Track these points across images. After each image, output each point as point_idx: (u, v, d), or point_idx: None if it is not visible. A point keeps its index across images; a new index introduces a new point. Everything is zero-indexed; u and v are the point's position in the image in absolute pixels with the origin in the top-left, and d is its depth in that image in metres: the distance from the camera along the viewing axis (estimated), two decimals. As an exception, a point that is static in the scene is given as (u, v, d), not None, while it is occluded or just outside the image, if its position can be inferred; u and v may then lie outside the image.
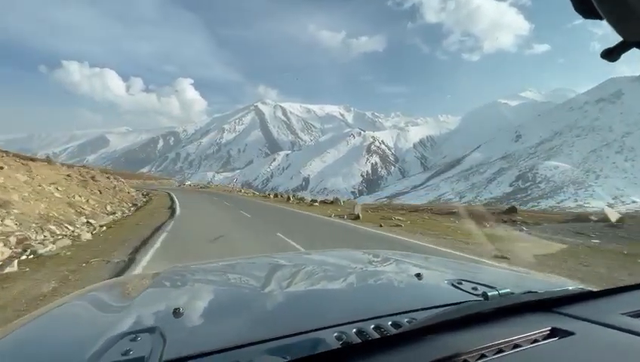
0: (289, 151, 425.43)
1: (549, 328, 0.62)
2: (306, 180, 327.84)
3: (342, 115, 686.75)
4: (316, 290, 0.99)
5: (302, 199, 24.10)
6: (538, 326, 0.63)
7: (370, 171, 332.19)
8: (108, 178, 21.40)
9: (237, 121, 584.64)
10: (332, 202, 21.41)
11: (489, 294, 0.74)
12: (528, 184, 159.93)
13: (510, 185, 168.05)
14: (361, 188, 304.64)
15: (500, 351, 0.56)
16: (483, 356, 0.54)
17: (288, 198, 24.31)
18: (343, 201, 22.11)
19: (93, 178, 17.61)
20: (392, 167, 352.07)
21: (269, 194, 32.14)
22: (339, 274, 1.17)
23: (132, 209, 14.90)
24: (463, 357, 0.52)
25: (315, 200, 22.24)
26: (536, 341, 0.59)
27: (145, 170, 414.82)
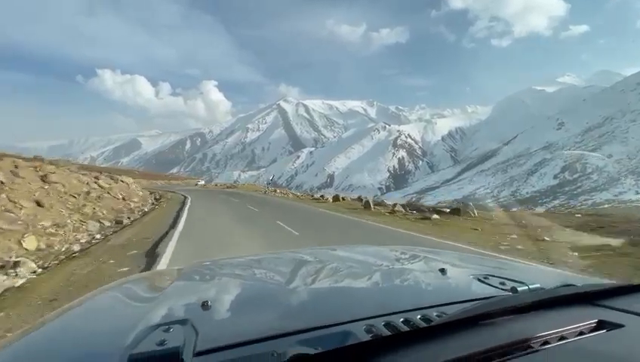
0: (312, 149, 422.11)
1: (596, 320, 0.60)
2: (331, 177, 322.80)
3: (364, 110, 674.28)
4: (343, 284, 1.00)
5: (380, 204, 16.10)
6: (583, 318, 0.61)
7: (397, 166, 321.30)
8: (96, 179, 16.05)
9: (260, 120, 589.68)
10: (456, 212, 11.99)
11: (519, 289, 0.73)
12: (577, 175, 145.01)
13: (555, 178, 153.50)
14: (388, 183, 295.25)
15: (546, 342, 0.54)
16: (529, 347, 0.53)
17: (367, 205, 15.29)
18: (477, 212, 12.08)
19: (43, 178, 11.02)
20: (420, 161, 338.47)
21: (322, 197, 22.93)
22: (364, 270, 1.19)
23: (98, 235, 8.54)
24: (503, 350, 0.51)
25: (425, 209, 13.33)
26: (582, 333, 0.58)
27: (174, 170, 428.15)
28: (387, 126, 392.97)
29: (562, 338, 0.56)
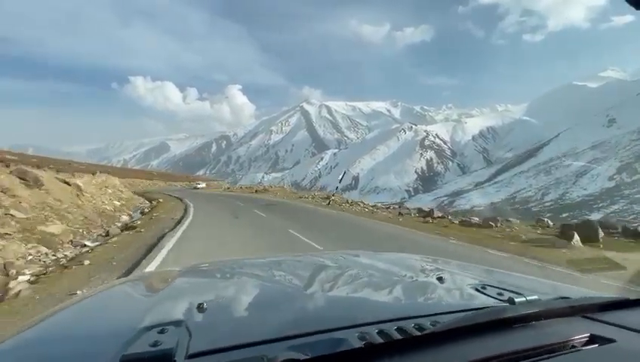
0: (336, 150, 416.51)
1: (588, 334, 0.60)
2: (356, 179, 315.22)
3: (388, 110, 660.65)
4: (338, 291, 0.99)
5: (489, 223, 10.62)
6: (575, 332, 0.61)
7: (425, 167, 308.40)
8: (65, 182, 11.60)
9: (283, 122, 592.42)
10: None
11: (516, 300, 0.73)
12: (637, 177, 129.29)
13: (610, 179, 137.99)
14: (416, 185, 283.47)
15: (535, 356, 0.54)
16: (519, 359, 0.53)
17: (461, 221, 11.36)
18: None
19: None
20: (450, 163, 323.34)
21: (390, 207, 17.79)
22: (360, 276, 1.18)
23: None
24: (498, 360, 0.51)
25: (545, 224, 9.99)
26: (573, 347, 0.57)
27: (200, 172, 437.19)
28: (413, 126, 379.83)
29: (553, 351, 0.56)
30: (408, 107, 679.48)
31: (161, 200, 19.73)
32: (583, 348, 0.57)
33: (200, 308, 0.68)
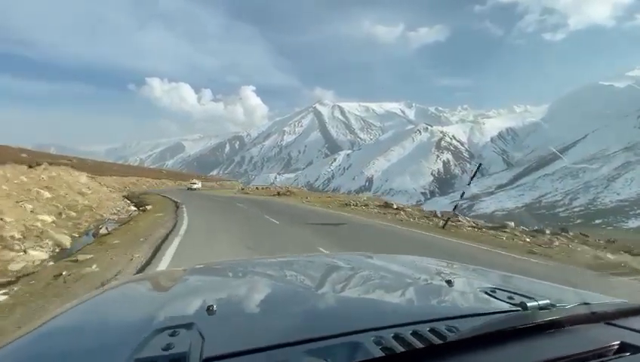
0: (349, 151, 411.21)
1: (618, 342, 0.57)
2: (370, 180, 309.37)
3: (402, 111, 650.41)
4: (350, 292, 0.98)
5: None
6: (603, 340, 0.58)
7: (441, 169, 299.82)
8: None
9: (296, 123, 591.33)
10: None
11: (528, 304, 0.69)
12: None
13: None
14: (432, 188, 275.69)
15: None
16: None
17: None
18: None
19: None
20: (468, 165, 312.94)
21: (448, 221, 11.12)
22: (373, 278, 1.17)
23: None
24: None
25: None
26: (602, 356, 0.54)
27: (214, 172, 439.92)
28: (429, 127, 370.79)
29: (584, 359, 0.53)
30: (423, 108, 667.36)
31: (149, 207, 14.39)
32: (615, 356, 0.54)
33: (210, 309, 0.67)
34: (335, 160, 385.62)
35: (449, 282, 0.94)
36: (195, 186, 37.44)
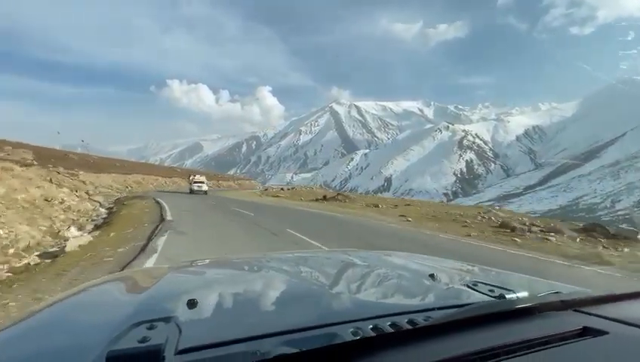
0: (366, 150, 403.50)
1: (581, 327, 0.61)
2: (388, 180, 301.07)
3: (420, 110, 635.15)
4: (331, 287, 0.99)
5: None
6: (568, 325, 0.62)
7: (464, 169, 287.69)
8: None
9: (313, 122, 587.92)
10: None
11: (507, 296, 0.74)
12: None
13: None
14: (455, 188, 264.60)
15: (528, 348, 0.55)
16: (510, 352, 0.53)
17: None
18: None
19: None
20: (492, 164, 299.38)
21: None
22: (354, 272, 1.19)
23: None
24: (487, 354, 0.52)
25: None
26: (566, 339, 0.58)
27: (231, 172, 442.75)
28: (450, 125, 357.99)
29: (547, 343, 0.56)
30: (442, 106, 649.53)
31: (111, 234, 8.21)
32: (577, 339, 0.58)
33: (191, 303, 0.68)
34: (352, 159, 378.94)
35: (432, 276, 0.96)
36: (201, 187, 24.55)
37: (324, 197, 21.06)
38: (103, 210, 13.18)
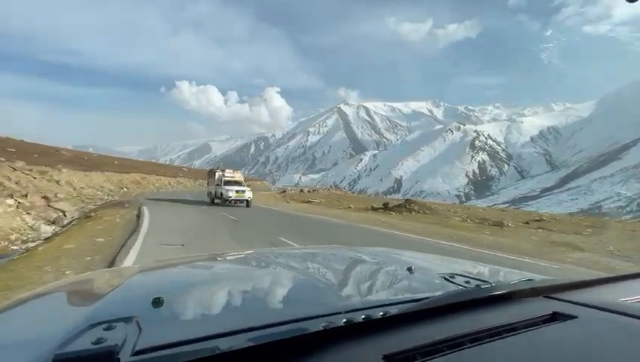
0: (375, 151, 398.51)
1: (551, 312, 0.63)
2: (398, 182, 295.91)
3: (430, 110, 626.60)
4: (304, 282, 0.97)
5: None
6: (538, 311, 0.64)
7: (477, 171, 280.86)
8: None
9: (321, 123, 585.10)
10: None
11: (482, 287, 0.75)
12: None
13: None
14: (467, 190, 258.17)
15: (499, 333, 0.56)
16: (477, 339, 0.53)
17: None
18: None
19: None
20: (506, 166, 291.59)
21: None
22: (326, 268, 1.17)
23: None
24: (453, 342, 0.52)
25: None
26: (536, 324, 0.59)
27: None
28: (461, 126, 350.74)
29: (517, 328, 0.57)
30: (451, 107, 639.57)
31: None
32: (546, 324, 0.60)
33: (157, 302, 0.65)
34: (361, 160, 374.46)
35: (409, 269, 0.96)
36: (242, 194, 15.38)
37: (386, 207, 15.56)
38: (49, 229, 8.70)
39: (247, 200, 15.47)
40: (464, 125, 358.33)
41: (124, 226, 8.13)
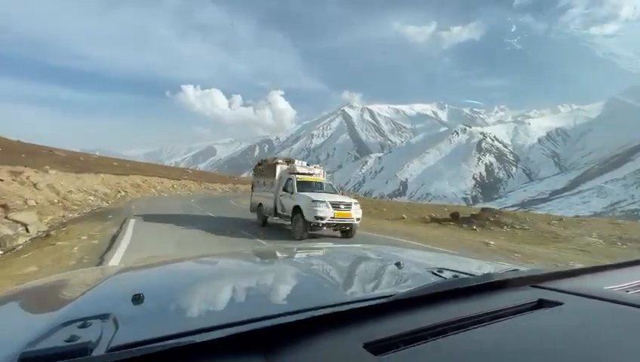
0: (380, 154, 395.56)
1: (537, 300, 0.64)
2: (404, 184, 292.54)
3: (434, 113, 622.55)
4: (286, 278, 0.96)
5: None
6: (523, 298, 0.65)
7: (484, 173, 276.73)
8: None
9: (325, 126, 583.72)
10: None
11: (468, 278, 0.77)
12: None
13: None
14: (474, 193, 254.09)
15: (486, 320, 0.56)
16: (461, 327, 0.54)
17: None
18: None
19: None
20: (513, 168, 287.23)
21: None
22: (313, 265, 1.16)
23: None
24: (438, 329, 0.52)
25: None
26: (523, 311, 0.61)
27: (244, 175, 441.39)
28: (467, 128, 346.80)
29: (504, 315, 0.58)
30: (456, 109, 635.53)
31: None
32: (532, 311, 0.61)
33: (135, 299, 0.64)
34: (366, 163, 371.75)
35: (398, 264, 0.97)
36: (341, 214, 7.49)
37: (455, 218, 12.14)
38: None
39: (350, 226, 7.97)
40: (470, 127, 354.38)
41: (79, 261, 5.12)
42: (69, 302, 0.70)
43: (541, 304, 0.63)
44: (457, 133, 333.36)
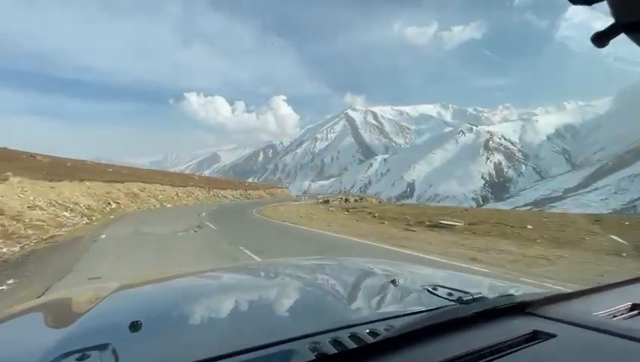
0: (385, 156, 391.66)
1: (531, 331, 0.63)
2: (411, 186, 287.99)
3: (439, 113, 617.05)
4: (287, 300, 0.93)
5: None
6: (519, 329, 0.64)
7: (493, 172, 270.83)
8: None
9: (328, 129, 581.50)
10: None
11: (464, 299, 0.76)
12: None
13: None
14: (484, 193, 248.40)
15: (483, 356, 0.55)
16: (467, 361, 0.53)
17: None
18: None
19: None
20: (523, 166, 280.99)
21: None
22: (311, 283, 1.13)
23: None
24: None
25: None
26: (518, 344, 0.60)
27: (249, 180, 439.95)
28: (474, 127, 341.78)
29: (501, 350, 0.58)
30: (460, 109, 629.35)
31: None
32: (528, 344, 0.60)
33: (133, 326, 0.60)
34: (371, 165, 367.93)
35: (393, 282, 0.95)
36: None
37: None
38: None
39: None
40: (476, 126, 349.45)
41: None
42: (66, 329, 0.67)
43: (535, 336, 0.63)
44: (463, 133, 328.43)
